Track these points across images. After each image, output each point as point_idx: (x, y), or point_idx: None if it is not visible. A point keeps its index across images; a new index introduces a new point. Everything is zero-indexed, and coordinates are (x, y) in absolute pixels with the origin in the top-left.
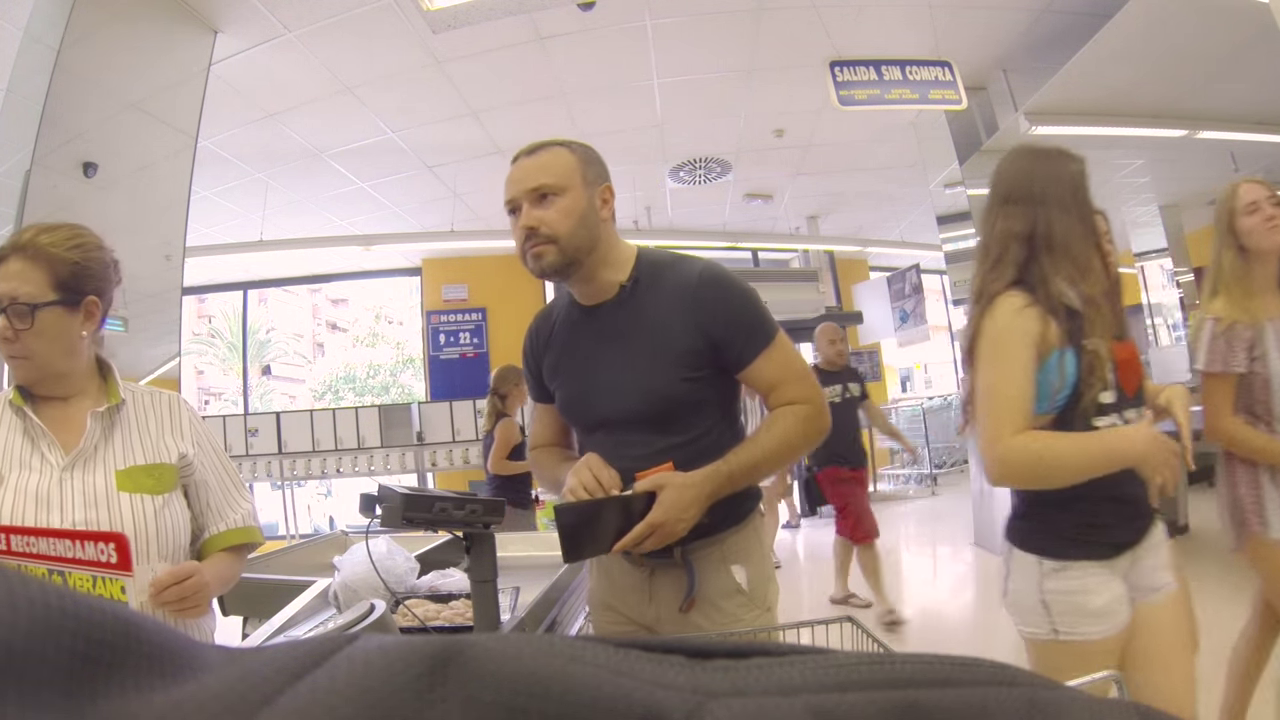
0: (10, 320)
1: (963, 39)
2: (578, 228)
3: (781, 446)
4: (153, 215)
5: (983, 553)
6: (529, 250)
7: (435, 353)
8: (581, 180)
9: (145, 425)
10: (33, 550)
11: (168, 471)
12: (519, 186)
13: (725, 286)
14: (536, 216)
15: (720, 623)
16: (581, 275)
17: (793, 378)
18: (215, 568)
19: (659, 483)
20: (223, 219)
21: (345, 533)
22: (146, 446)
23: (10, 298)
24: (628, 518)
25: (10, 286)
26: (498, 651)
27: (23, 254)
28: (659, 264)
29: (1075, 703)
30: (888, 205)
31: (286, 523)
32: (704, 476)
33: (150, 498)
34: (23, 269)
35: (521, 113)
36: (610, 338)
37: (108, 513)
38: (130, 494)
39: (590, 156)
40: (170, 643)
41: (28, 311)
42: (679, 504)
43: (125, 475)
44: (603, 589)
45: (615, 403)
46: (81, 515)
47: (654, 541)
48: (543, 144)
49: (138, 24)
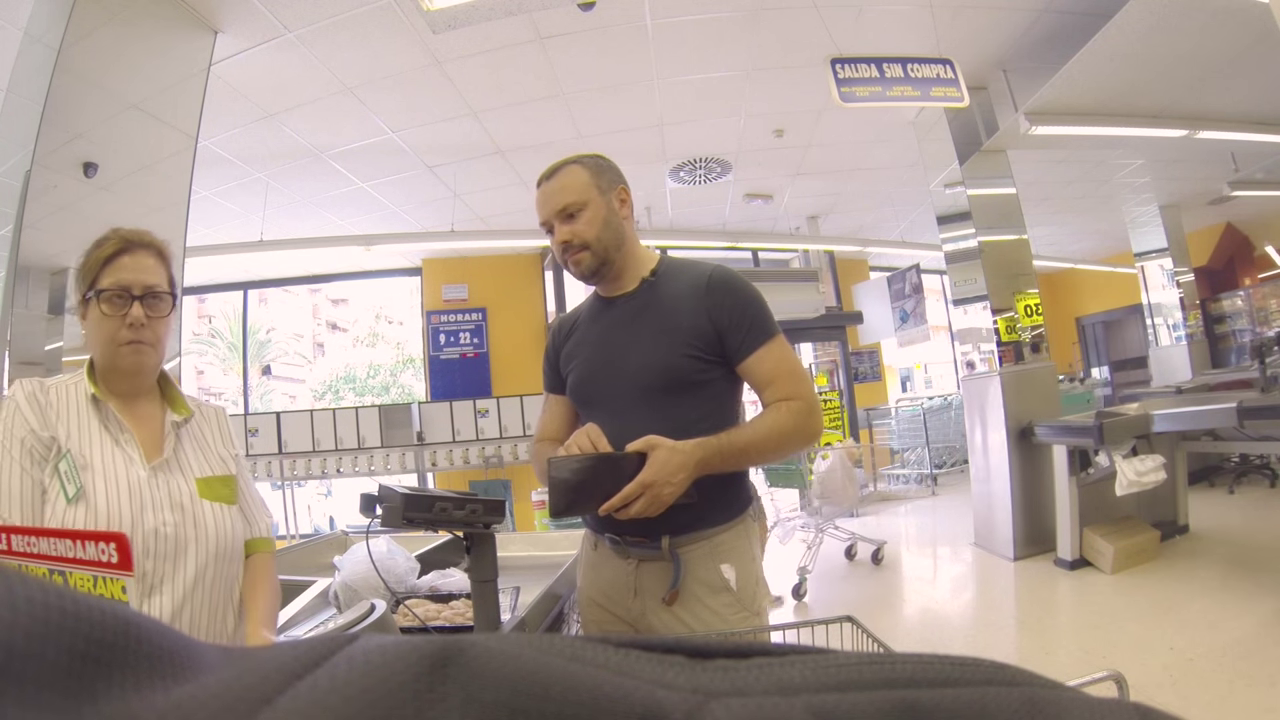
0: (147, 308)
1: (962, 39)
2: (603, 231)
3: (772, 436)
4: (153, 215)
5: (983, 553)
6: (568, 259)
7: (435, 353)
8: (597, 190)
9: (204, 436)
10: (33, 550)
11: (233, 483)
12: (548, 209)
13: (736, 281)
14: (568, 231)
15: (707, 621)
16: (614, 272)
17: (788, 376)
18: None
19: (651, 444)
20: (223, 219)
21: (345, 533)
22: (211, 458)
23: (147, 286)
24: (618, 478)
25: (146, 277)
26: (498, 651)
27: (150, 250)
28: (678, 264)
29: (1075, 703)
30: (888, 205)
31: (286, 523)
32: (695, 444)
33: (226, 507)
34: (154, 264)
35: (521, 113)
36: (625, 322)
37: (191, 518)
38: (211, 503)
39: (601, 166)
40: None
41: (169, 300)
42: (669, 465)
43: (205, 484)
44: (590, 585)
45: (620, 376)
46: (169, 516)
47: (642, 503)
48: (558, 166)
49: (138, 24)
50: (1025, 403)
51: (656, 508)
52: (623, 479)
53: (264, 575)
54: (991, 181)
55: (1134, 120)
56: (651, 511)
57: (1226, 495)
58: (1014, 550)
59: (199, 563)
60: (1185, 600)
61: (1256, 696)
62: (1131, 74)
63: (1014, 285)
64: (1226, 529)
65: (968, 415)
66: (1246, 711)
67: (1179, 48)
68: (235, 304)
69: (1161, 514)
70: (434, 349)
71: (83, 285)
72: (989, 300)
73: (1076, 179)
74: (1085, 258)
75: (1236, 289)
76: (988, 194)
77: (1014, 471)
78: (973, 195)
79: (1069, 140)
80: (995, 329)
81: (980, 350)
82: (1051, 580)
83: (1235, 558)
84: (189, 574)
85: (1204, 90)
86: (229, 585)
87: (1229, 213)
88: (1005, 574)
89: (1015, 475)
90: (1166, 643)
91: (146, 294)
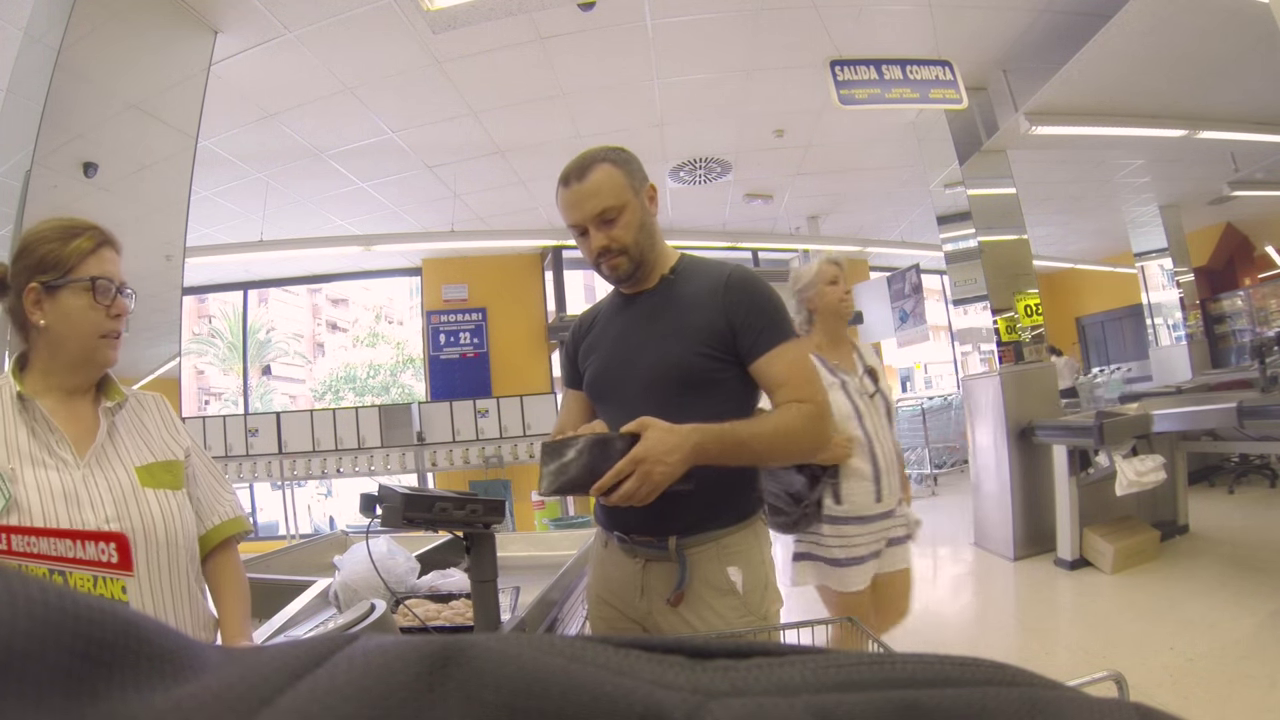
0: (125, 301)
1: (962, 39)
2: (640, 234)
3: (777, 434)
4: (153, 215)
5: (983, 553)
6: (604, 264)
7: (435, 353)
8: (632, 192)
9: (143, 423)
10: (33, 550)
11: (179, 468)
12: (582, 213)
13: (754, 281)
14: (607, 237)
15: (711, 623)
16: (645, 272)
17: (800, 379)
18: (235, 591)
19: (644, 424)
20: (223, 219)
21: (345, 533)
22: (153, 444)
23: (122, 280)
24: (610, 458)
25: (118, 271)
26: (498, 651)
27: (117, 247)
28: (698, 262)
29: (1075, 702)
30: (888, 205)
31: (286, 523)
32: (692, 428)
33: (172, 493)
34: (118, 259)
35: (521, 113)
36: (643, 319)
37: (138, 508)
38: (154, 490)
39: (631, 164)
40: (170, 643)
41: (133, 295)
42: (662, 445)
43: (146, 472)
44: (599, 583)
45: (634, 373)
46: (113, 511)
47: (633, 483)
48: (587, 164)
49: (138, 24)
50: (1025, 403)
51: (648, 489)
52: (615, 459)
53: (229, 576)
54: (991, 181)
55: (1134, 120)
56: (642, 493)
57: (1226, 495)
58: (1014, 550)
59: (148, 552)
60: (1185, 600)
61: (1256, 696)
62: (1131, 74)
63: (1014, 285)
64: (1226, 529)
65: (968, 415)
66: (1246, 711)
67: (1179, 48)
68: (235, 304)
69: (1161, 514)
70: (434, 349)
71: (51, 273)
72: (989, 300)
73: (1076, 179)
74: (1085, 258)
75: (1236, 289)
76: (988, 194)
77: (1014, 471)
78: (973, 195)
79: (1069, 140)
80: (995, 329)
81: (980, 350)
82: (1051, 580)
83: (1235, 558)
84: (144, 569)
85: (1204, 90)
86: (184, 571)
87: (1229, 213)
88: (1005, 574)
89: (1015, 475)
90: (1166, 643)
91: (123, 288)
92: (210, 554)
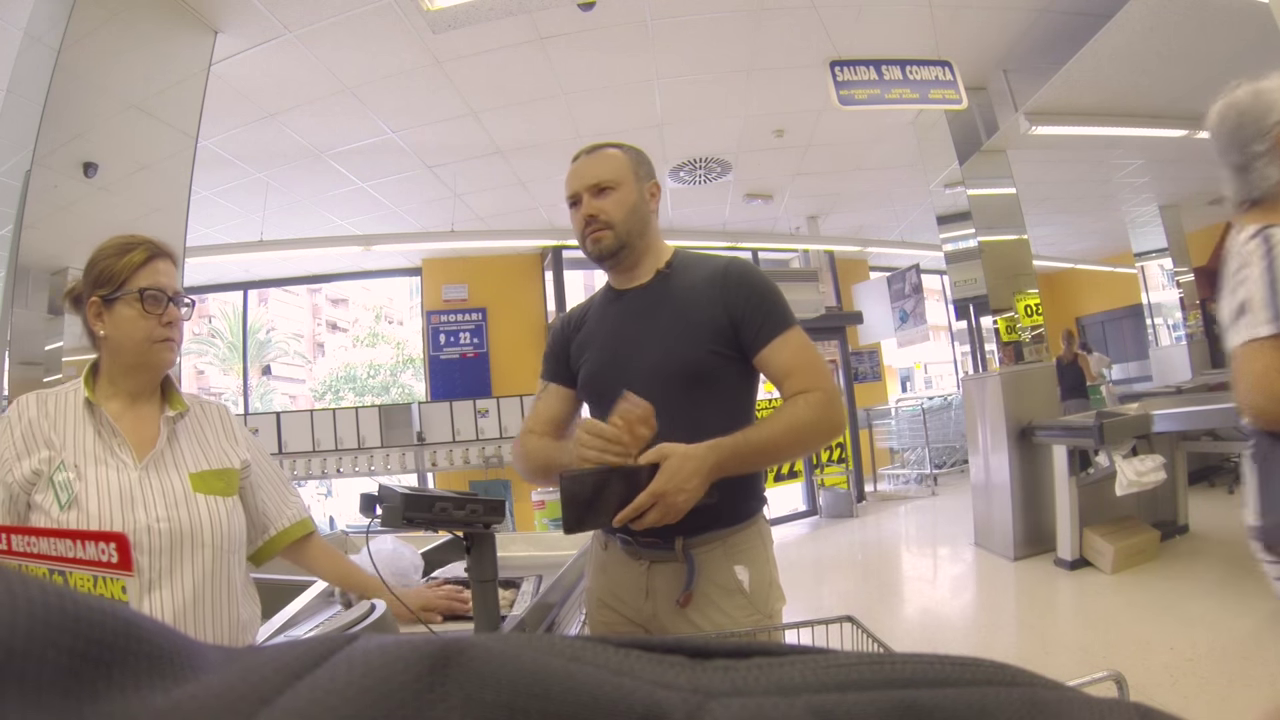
0: (177, 310)
1: (963, 39)
2: (630, 216)
3: (791, 431)
4: (152, 215)
5: (983, 552)
6: (589, 235)
7: (435, 353)
8: (634, 176)
9: (203, 432)
10: (33, 550)
11: (233, 476)
12: (580, 181)
13: (752, 272)
14: (596, 206)
15: (719, 623)
16: (630, 260)
17: (806, 367)
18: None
19: (663, 453)
20: (223, 219)
21: (345, 533)
22: (209, 452)
23: (175, 291)
24: (631, 489)
25: (174, 282)
26: (498, 651)
27: (171, 259)
28: (693, 257)
29: (1075, 703)
30: (888, 205)
31: None
32: (708, 448)
33: (222, 499)
34: (172, 270)
35: (521, 113)
36: (639, 315)
37: (187, 511)
38: (205, 495)
39: (641, 157)
40: (170, 643)
41: (191, 304)
42: (681, 473)
43: (198, 478)
44: (600, 586)
45: (634, 370)
46: (164, 513)
47: (656, 513)
48: (601, 145)
49: (138, 24)
50: (1025, 403)
51: (672, 516)
52: (636, 490)
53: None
54: (991, 181)
55: (1134, 120)
56: (667, 520)
57: (1226, 495)
58: (1014, 550)
59: (197, 556)
60: (1185, 600)
61: (1256, 696)
62: (1131, 74)
63: (1014, 285)
64: (1226, 529)
65: (968, 415)
66: (1246, 711)
67: (1179, 48)
68: (235, 304)
69: (1161, 514)
70: (434, 349)
71: (108, 287)
72: (989, 300)
73: (1076, 179)
74: (1085, 258)
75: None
76: (988, 194)
77: (1014, 471)
78: (973, 195)
79: (1069, 140)
80: (995, 329)
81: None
82: (1051, 580)
83: (1235, 558)
84: (187, 568)
85: (1204, 90)
86: (232, 576)
87: (1229, 213)
88: (1005, 574)
89: (1015, 475)
90: (1166, 643)
91: (176, 297)
92: (290, 549)
